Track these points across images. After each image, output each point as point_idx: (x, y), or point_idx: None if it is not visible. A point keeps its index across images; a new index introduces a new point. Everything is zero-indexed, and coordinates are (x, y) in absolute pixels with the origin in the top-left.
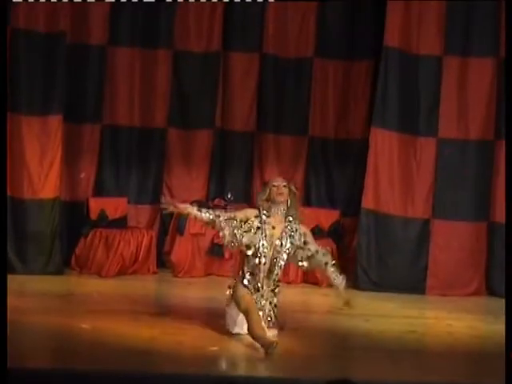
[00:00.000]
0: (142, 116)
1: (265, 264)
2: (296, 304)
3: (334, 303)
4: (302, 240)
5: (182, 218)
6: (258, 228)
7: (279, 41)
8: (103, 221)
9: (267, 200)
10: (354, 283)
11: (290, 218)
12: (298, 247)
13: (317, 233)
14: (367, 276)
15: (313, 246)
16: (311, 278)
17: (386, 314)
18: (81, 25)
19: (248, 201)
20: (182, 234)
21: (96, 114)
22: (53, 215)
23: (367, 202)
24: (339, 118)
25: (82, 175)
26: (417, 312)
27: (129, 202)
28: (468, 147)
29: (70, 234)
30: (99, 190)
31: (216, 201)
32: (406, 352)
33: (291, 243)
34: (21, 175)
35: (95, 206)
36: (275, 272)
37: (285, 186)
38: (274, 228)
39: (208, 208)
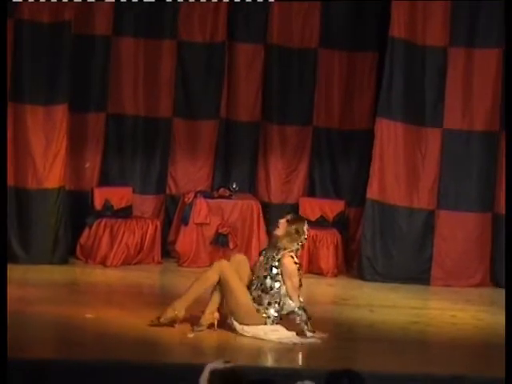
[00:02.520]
0: (146, 106)
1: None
2: (300, 295)
3: (339, 294)
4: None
5: (187, 208)
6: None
7: (284, 31)
8: (108, 210)
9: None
10: (358, 274)
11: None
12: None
13: (322, 223)
14: (372, 266)
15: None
16: (315, 268)
17: (391, 305)
18: (86, 15)
19: (253, 190)
20: (186, 223)
21: (101, 104)
22: (57, 205)
23: (372, 192)
24: (344, 109)
25: (87, 165)
26: (421, 303)
27: (134, 192)
28: (473, 138)
29: (74, 223)
30: (104, 180)
31: (221, 191)
32: (409, 343)
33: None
34: (25, 165)
35: (100, 195)
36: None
37: (287, 221)
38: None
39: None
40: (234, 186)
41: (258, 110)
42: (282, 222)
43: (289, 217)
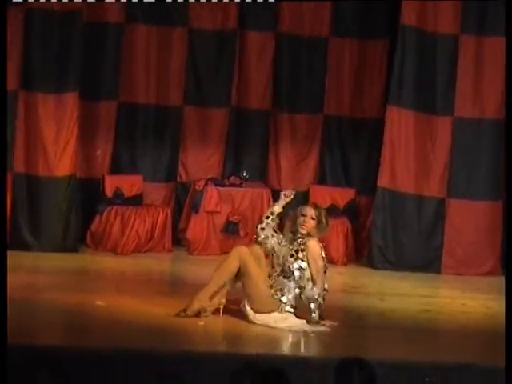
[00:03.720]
0: (157, 93)
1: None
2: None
3: (349, 282)
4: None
5: (198, 196)
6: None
7: (295, 20)
8: (119, 198)
9: (292, 226)
10: (369, 262)
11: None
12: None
13: (332, 211)
14: (382, 255)
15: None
16: (326, 256)
17: (401, 293)
18: (97, 3)
19: (263, 178)
20: (197, 211)
21: (112, 92)
22: (68, 193)
23: (383, 180)
24: (354, 97)
25: (98, 153)
26: (431, 291)
27: (144, 180)
28: (484, 126)
29: (85, 211)
30: (115, 168)
31: (231, 179)
32: (420, 331)
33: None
34: (36, 153)
35: (111, 183)
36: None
37: (313, 219)
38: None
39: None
40: (245, 174)
41: (268, 98)
42: (308, 221)
43: (313, 213)
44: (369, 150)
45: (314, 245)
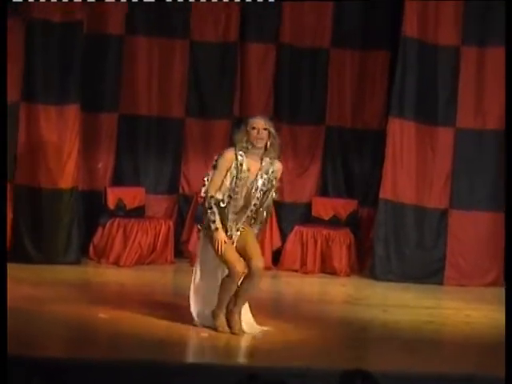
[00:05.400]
0: (159, 105)
1: (236, 208)
2: (313, 294)
3: (352, 293)
4: (272, 184)
5: (200, 208)
6: (234, 173)
7: (296, 31)
8: (121, 210)
9: (246, 142)
10: (371, 273)
11: (267, 159)
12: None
13: (334, 223)
14: (385, 266)
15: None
16: (328, 267)
17: (404, 305)
18: (98, 14)
19: None
20: (199, 223)
21: (113, 103)
22: (70, 205)
23: (385, 191)
24: (356, 108)
25: (100, 165)
26: (434, 302)
27: (146, 192)
28: (485, 137)
29: (87, 223)
30: (117, 180)
31: None
32: (423, 343)
33: (264, 184)
34: (38, 165)
35: (113, 195)
36: (247, 214)
37: (265, 129)
38: (248, 170)
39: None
40: None
41: (270, 110)
42: (262, 132)
43: (263, 124)
44: (370, 161)
45: (280, 165)
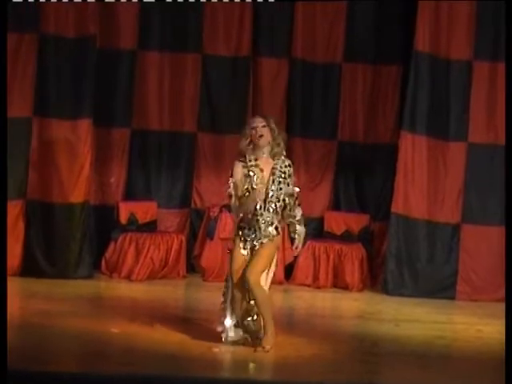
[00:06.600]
0: (171, 120)
1: (260, 208)
2: (326, 309)
3: (364, 308)
4: (288, 174)
5: (212, 223)
6: (249, 175)
7: (308, 45)
8: (133, 225)
9: (250, 144)
10: (384, 288)
11: (281, 158)
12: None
13: (346, 237)
14: (397, 281)
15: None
16: (341, 282)
17: (416, 319)
18: (110, 29)
19: None
20: (211, 238)
21: (126, 118)
22: (82, 219)
23: (397, 206)
24: (368, 123)
25: (112, 180)
26: (446, 317)
27: (158, 206)
28: (497, 152)
29: (99, 238)
30: (129, 194)
31: None
32: (435, 358)
33: (280, 182)
34: (51, 179)
35: (125, 209)
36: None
37: (264, 126)
38: (262, 171)
39: None
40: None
41: (282, 124)
42: (261, 129)
43: (261, 121)
44: (382, 176)
45: (290, 162)
